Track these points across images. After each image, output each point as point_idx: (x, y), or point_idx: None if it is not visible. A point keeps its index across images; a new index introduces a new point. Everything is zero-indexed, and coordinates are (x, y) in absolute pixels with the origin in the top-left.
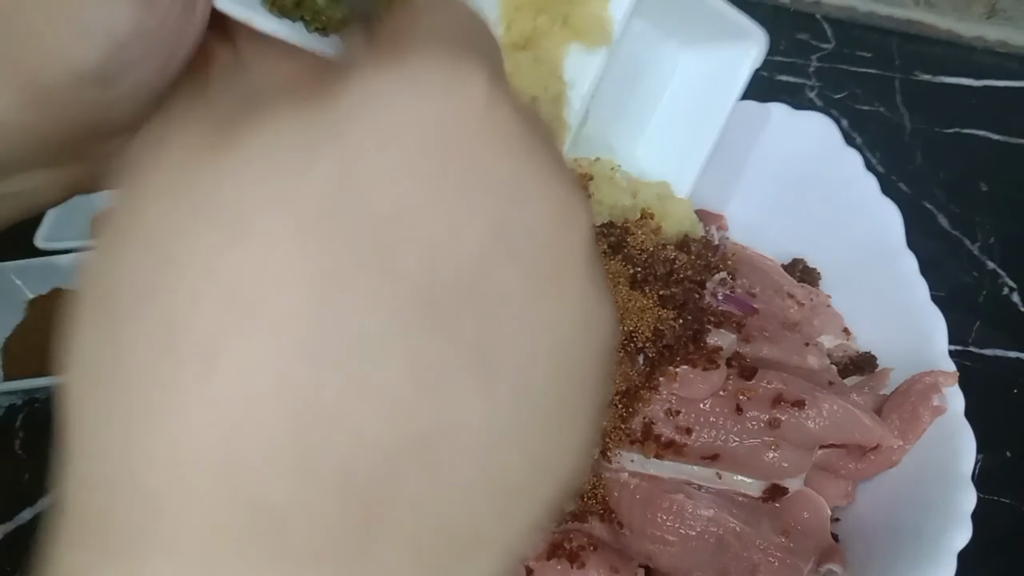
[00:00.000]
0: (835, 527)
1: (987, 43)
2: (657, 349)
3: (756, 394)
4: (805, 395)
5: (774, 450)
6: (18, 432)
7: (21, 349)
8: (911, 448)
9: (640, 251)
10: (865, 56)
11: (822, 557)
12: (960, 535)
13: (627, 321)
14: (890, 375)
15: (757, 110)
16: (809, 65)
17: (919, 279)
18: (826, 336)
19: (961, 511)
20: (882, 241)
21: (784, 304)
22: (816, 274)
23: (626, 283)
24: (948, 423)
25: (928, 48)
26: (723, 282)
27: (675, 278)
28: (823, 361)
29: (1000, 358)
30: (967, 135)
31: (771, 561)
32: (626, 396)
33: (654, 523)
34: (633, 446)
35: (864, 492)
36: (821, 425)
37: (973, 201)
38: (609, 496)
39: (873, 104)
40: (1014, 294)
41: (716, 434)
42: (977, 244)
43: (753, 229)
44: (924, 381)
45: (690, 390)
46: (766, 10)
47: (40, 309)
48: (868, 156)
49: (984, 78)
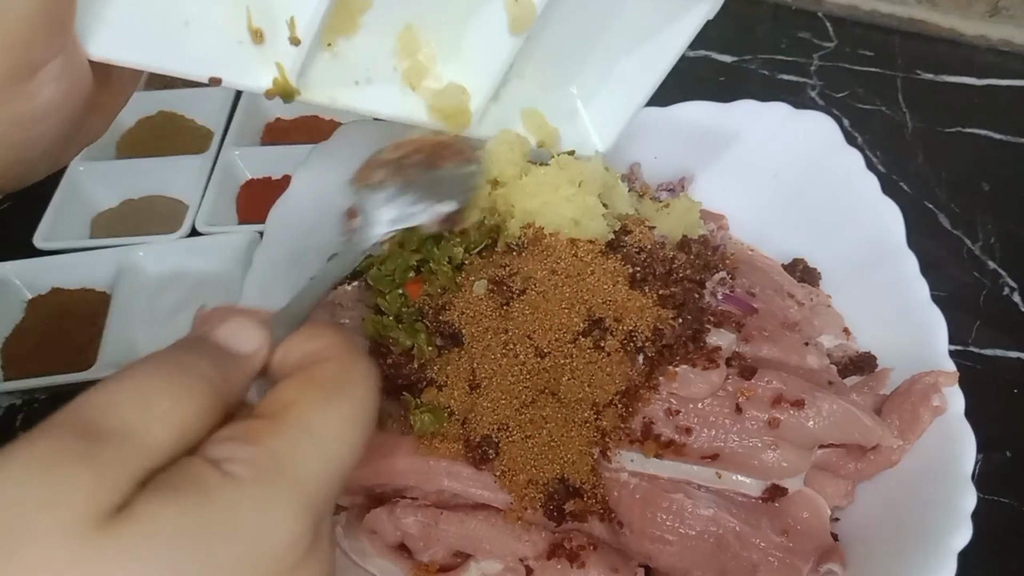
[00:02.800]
0: (835, 527)
1: (989, 42)
2: (657, 349)
3: (756, 394)
4: (805, 395)
5: (774, 450)
6: (18, 432)
7: (20, 349)
8: (911, 448)
9: (639, 250)
10: (867, 55)
11: (822, 557)
12: (960, 535)
13: (627, 320)
14: (890, 375)
15: (758, 109)
16: (811, 64)
17: (919, 279)
18: (826, 336)
19: (961, 511)
20: (883, 241)
21: (784, 304)
22: (816, 274)
23: (625, 282)
24: (948, 423)
25: (930, 47)
26: (723, 282)
27: (675, 277)
28: (823, 361)
29: (1000, 358)
30: (969, 134)
31: (771, 561)
32: (626, 396)
33: (654, 523)
34: (633, 446)
35: (864, 492)
36: (821, 425)
37: (974, 201)
38: (609, 496)
39: (875, 103)
40: (1015, 294)
41: (716, 434)
42: (978, 244)
43: (753, 229)
44: (924, 381)
45: (690, 390)
46: (767, 8)
47: (39, 309)
48: (869, 155)
49: (986, 77)
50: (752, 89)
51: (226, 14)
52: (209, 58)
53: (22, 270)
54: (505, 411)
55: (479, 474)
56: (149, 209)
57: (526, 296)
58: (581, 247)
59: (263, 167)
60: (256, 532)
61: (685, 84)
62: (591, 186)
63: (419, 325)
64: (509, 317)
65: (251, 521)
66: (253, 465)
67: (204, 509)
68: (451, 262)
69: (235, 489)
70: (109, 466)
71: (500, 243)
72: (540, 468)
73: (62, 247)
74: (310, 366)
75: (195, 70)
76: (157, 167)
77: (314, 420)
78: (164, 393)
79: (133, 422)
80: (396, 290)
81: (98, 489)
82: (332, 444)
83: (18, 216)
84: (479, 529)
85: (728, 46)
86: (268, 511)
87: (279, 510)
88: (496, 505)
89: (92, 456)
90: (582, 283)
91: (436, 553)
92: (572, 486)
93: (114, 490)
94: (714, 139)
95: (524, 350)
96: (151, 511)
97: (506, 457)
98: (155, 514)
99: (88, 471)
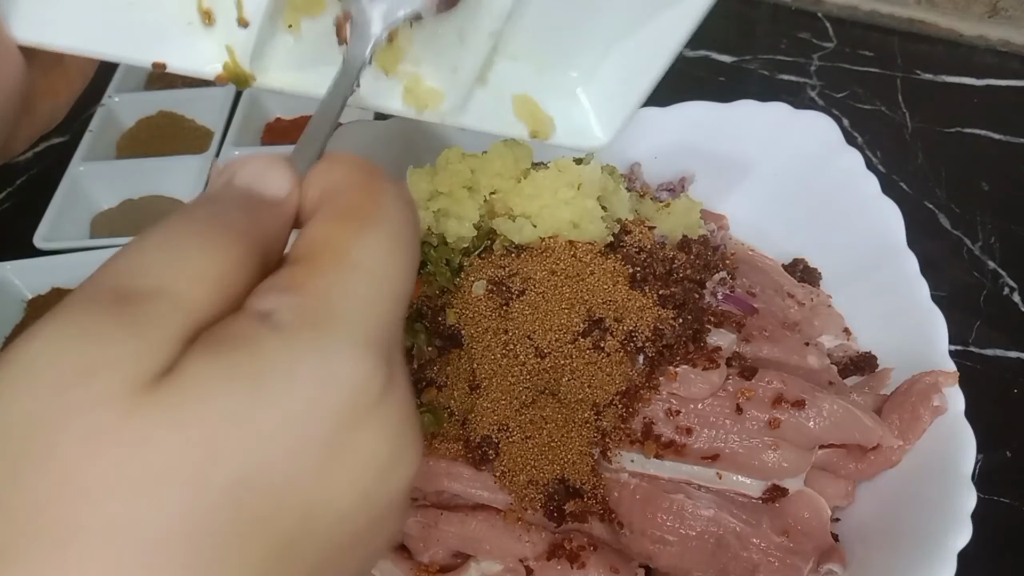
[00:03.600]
0: (835, 527)
1: (988, 42)
2: (657, 349)
3: (756, 394)
4: (805, 395)
5: (774, 450)
6: None
7: None
8: (911, 448)
9: (639, 250)
10: (866, 55)
11: (822, 557)
12: (960, 535)
13: (627, 320)
14: (890, 375)
15: (758, 109)
16: (810, 64)
17: (919, 279)
18: (826, 336)
19: (961, 511)
20: (883, 241)
21: (784, 304)
22: (817, 274)
23: (625, 282)
24: (948, 423)
25: (929, 47)
26: (723, 282)
27: (675, 277)
28: (823, 361)
29: (1000, 358)
30: (968, 134)
31: (771, 561)
32: (626, 396)
33: (654, 523)
34: (633, 446)
35: (864, 492)
36: (821, 425)
37: (974, 201)
38: (609, 496)
39: (874, 103)
40: (1015, 294)
41: (716, 434)
42: (978, 244)
43: (753, 229)
44: (924, 381)
45: (690, 390)
46: (767, 8)
47: (40, 309)
48: (869, 155)
49: (985, 77)
50: (752, 89)
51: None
52: (154, 41)
53: (22, 270)
54: (505, 411)
55: (479, 474)
56: (149, 209)
57: (526, 296)
58: (580, 247)
59: None
60: (318, 378)
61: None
62: (589, 189)
63: (419, 326)
64: (509, 317)
65: (310, 368)
66: (302, 310)
67: (256, 361)
68: (449, 264)
69: (287, 338)
70: (149, 327)
71: (497, 245)
72: (540, 468)
73: (62, 247)
74: (333, 198)
75: (138, 55)
76: (157, 167)
77: (353, 251)
78: (196, 247)
79: (168, 279)
80: None
81: (139, 352)
82: (378, 271)
83: (18, 216)
84: (479, 530)
85: (728, 46)
86: (327, 354)
87: (339, 351)
88: (496, 506)
89: (130, 318)
90: (582, 283)
91: (436, 554)
92: (572, 486)
93: (158, 351)
94: (714, 139)
95: (524, 350)
96: (198, 369)
97: (506, 457)
98: (202, 372)
99: (127, 334)
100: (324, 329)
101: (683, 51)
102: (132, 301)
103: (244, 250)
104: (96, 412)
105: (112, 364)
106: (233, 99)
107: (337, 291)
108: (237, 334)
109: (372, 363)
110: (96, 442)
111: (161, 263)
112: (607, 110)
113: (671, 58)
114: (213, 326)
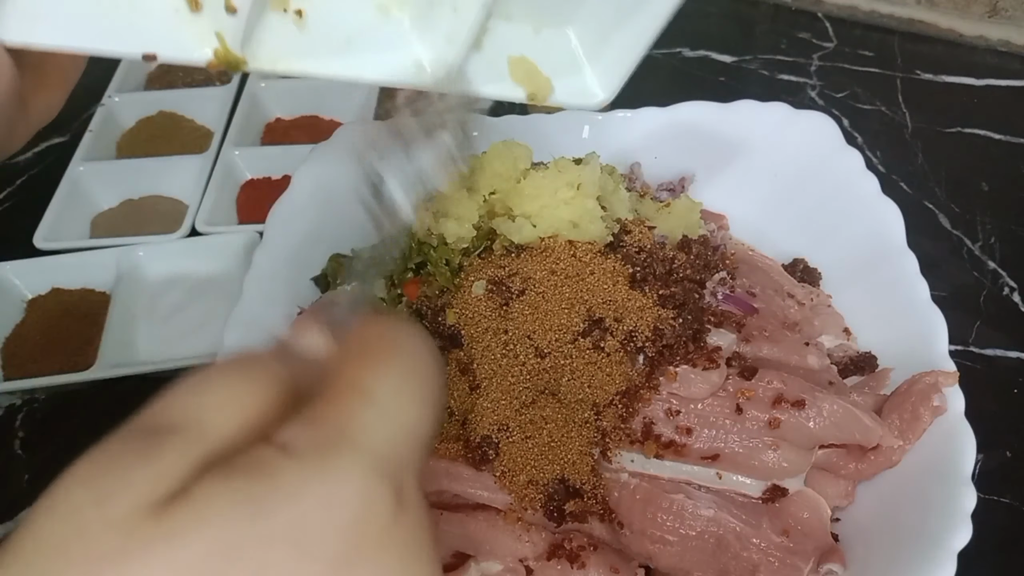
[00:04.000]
0: (835, 527)
1: (988, 42)
2: (657, 349)
3: (756, 394)
4: (805, 395)
5: (774, 450)
6: (18, 432)
7: (20, 349)
8: (911, 448)
9: (638, 250)
10: (866, 55)
11: (822, 557)
12: (960, 535)
13: (627, 320)
14: (890, 375)
15: (758, 109)
16: (810, 64)
17: (919, 279)
18: (826, 336)
19: (961, 511)
20: (883, 241)
21: (784, 304)
22: (817, 274)
23: (625, 282)
24: (948, 423)
25: (929, 47)
26: (723, 282)
27: (675, 277)
28: (823, 361)
29: (1000, 358)
30: (968, 134)
31: (771, 561)
32: (626, 396)
33: (654, 523)
34: (633, 446)
35: (864, 492)
36: (821, 425)
37: (974, 201)
38: (609, 496)
39: (874, 103)
40: (1015, 294)
41: (716, 434)
42: (978, 244)
43: (753, 229)
44: (924, 381)
45: (690, 390)
46: (767, 8)
47: (39, 309)
48: (869, 155)
49: (985, 77)
50: (752, 89)
51: None
52: (141, 32)
53: (22, 270)
54: (505, 411)
55: (479, 474)
56: (149, 209)
57: (525, 296)
58: (580, 247)
59: (263, 167)
60: (321, 498)
61: (685, 84)
62: (589, 189)
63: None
64: (509, 317)
65: (314, 491)
66: (315, 438)
67: (261, 484)
68: (449, 264)
69: (296, 464)
70: (165, 456)
71: (497, 245)
72: (540, 468)
73: (62, 247)
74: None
75: (127, 48)
76: (157, 167)
77: (366, 382)
78: (225, 384)
79: (193, 412)
80: (395, 291)
81: (151, 480)
82: (390, 402)
83: (18, 216)
84: (479, 530)
85: (728, 46)
86: (333, 479)
87: (345, 476)
88: (496, 506)
89: (154, 448)
90: (582, 283)
91: None
92: (572, 486)
93: (170, 478)
94: (714, 139)
95: (524, 350)
96: (206, 492)
97: (506, 457)
98: (209, 494)
99: (143, 464)
100: (333, 453)
101: (683, 51)
102: (159, 432)
103: (273, 387)
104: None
105: (126, 488)
106: (233, 99)
107: (348, 421)
108: (253, 461)
109: (378, 486)
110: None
111: (190, 398)
112: (606, 68)
113: (669, 15)
114: (235, 454)
